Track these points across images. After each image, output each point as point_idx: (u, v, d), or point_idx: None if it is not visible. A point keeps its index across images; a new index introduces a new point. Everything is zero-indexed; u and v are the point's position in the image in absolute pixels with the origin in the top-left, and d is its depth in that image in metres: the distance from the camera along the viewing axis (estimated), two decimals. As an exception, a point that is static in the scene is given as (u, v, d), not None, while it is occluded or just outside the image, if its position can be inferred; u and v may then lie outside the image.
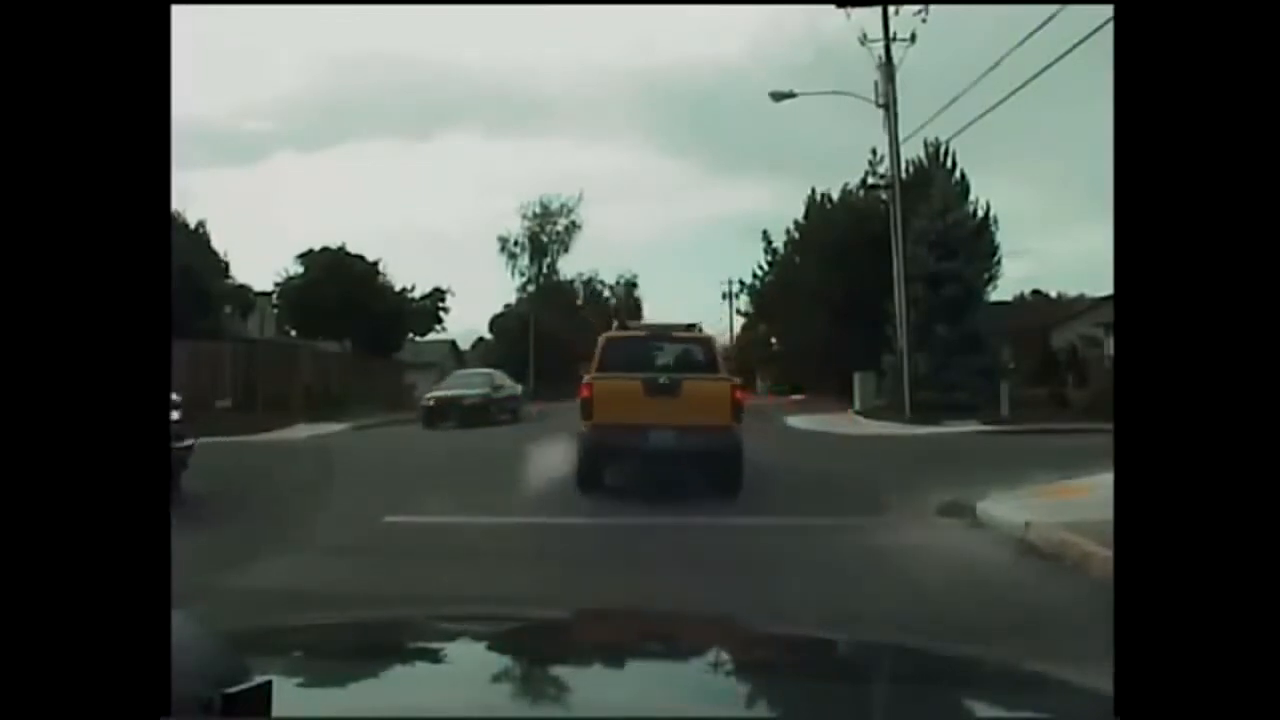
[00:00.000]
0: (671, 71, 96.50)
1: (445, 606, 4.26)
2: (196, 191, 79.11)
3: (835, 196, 36.71)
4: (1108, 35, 1.66)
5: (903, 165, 28.49)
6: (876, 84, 25.40)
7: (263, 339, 27.32)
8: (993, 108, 23.26)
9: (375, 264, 40.82)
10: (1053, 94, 33.90)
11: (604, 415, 10.75)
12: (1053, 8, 17.48)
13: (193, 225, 34.77)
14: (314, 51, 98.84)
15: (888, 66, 25.24)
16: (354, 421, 27.28)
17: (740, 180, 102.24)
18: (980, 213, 32.06)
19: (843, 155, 74.46)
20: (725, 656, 1.84)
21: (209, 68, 70.45)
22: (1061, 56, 18.12)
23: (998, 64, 21.09)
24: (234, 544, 7.59)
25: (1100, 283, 31.15)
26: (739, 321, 68.09)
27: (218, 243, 36.08)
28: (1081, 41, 16.31)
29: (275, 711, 0.93)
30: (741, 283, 45.38)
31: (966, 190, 32.04)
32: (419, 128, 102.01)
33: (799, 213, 39.78)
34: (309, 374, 32.75)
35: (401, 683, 1.52)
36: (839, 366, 33.44)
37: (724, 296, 68.37)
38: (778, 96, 26.73)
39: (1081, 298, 36.25)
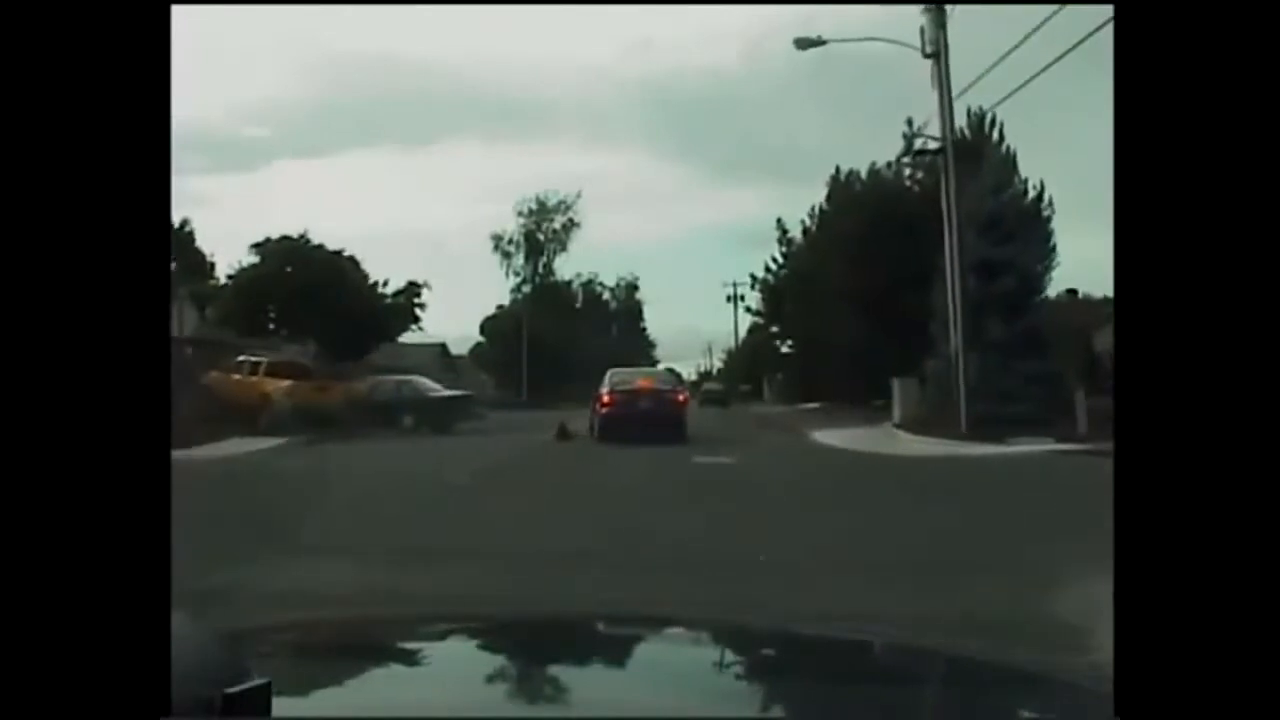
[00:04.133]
0: (671, 76, 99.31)
1: (446, 607, 4.40)
2: (192, 194, 77.02)
3: (864, 177, 32.31)
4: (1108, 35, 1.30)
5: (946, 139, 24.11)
6: (923, 30, 21.02)
7: (185, 337, 23.60)
8: (1037, 75, 19.11)
9: (339, 252, 36.00)
10: (1059, 90, 29.51)
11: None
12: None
13: (176, 223, 31.18)
14: (312, 56, 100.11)
15: (938, 12, 20.90)
16: (298, 435, 22.88)
17: (743, 184, 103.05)
18: (1032, 192, 27.65)
19: (850, 156, 71.17)
20: (725, 657, 1.82)
21: (206, 72, 67.86)
22: (1067, 51, 17.19)
23: (1046, 21, 17.93)
24: None
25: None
26: (745, 325, 65.26)
27: (205, 244, 33.77)
28: (1087, 37, 15.56)
29: (275, 711, 0.92)
30: (753, 277, 40.80)
31: (1014, 166, 27.74)
32: (418, 133, 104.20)
33: (805, 216, 35.64)
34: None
35: (402, 683, 1.51)
36: (866, 371, 29.41)
37: (728, 299, 65.41)
38: (803, 44, 22.50)
39: (1107, 299, 32.05)
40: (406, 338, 43.00)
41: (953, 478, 14.14)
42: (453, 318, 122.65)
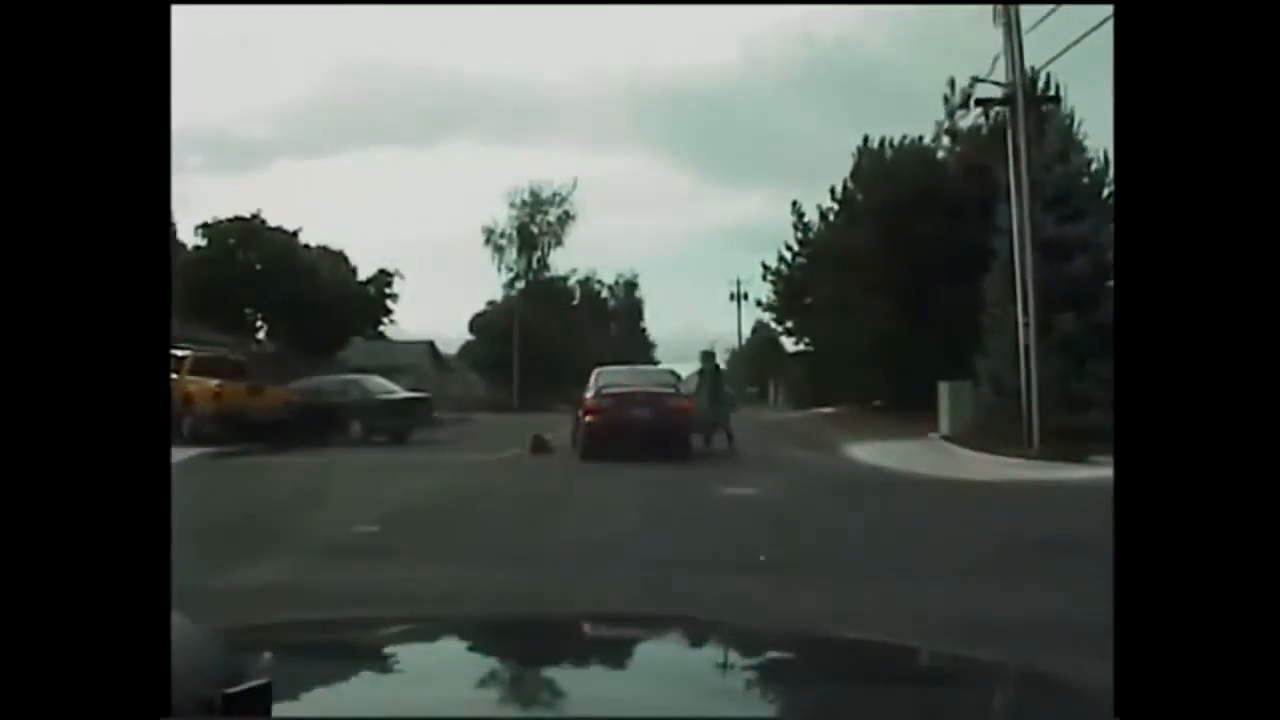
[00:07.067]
0: (673, 77, 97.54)
1: (447, 607, 4.37)
2: (190, 192, 75.27)
3: (894, 145, 28.06)
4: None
5: (986, 111, 20.23)
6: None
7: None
8: (1094, 29, 15.07)
9: (295, 234, 31.77)
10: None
11: None
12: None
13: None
14: (312, 56, 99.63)
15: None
16: (223, 445, 18.99)
17: (746, 186, 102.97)
18: (1096, 164, 23.50)
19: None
20: (723, 657, 1.80)
21: (206, 71, 65.10)
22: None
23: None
24: None
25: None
26: (749, 325, 62.67)
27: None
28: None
29: (275, 712, 0.92)
30: (765, 267, 36.01)
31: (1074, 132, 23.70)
32: (418, 135, 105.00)
33: (827, 199, 31.32)
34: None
35: (402, 683, 1.50)
36: (900, 372, 25.41)
37: (731, 297, 62.15)
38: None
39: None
40: (393, 334, 39.75)
41: (1085, 521, 9.82)
42: (448, 315, 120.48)
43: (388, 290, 34.07)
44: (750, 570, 7.06)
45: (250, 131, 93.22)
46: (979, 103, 18.15)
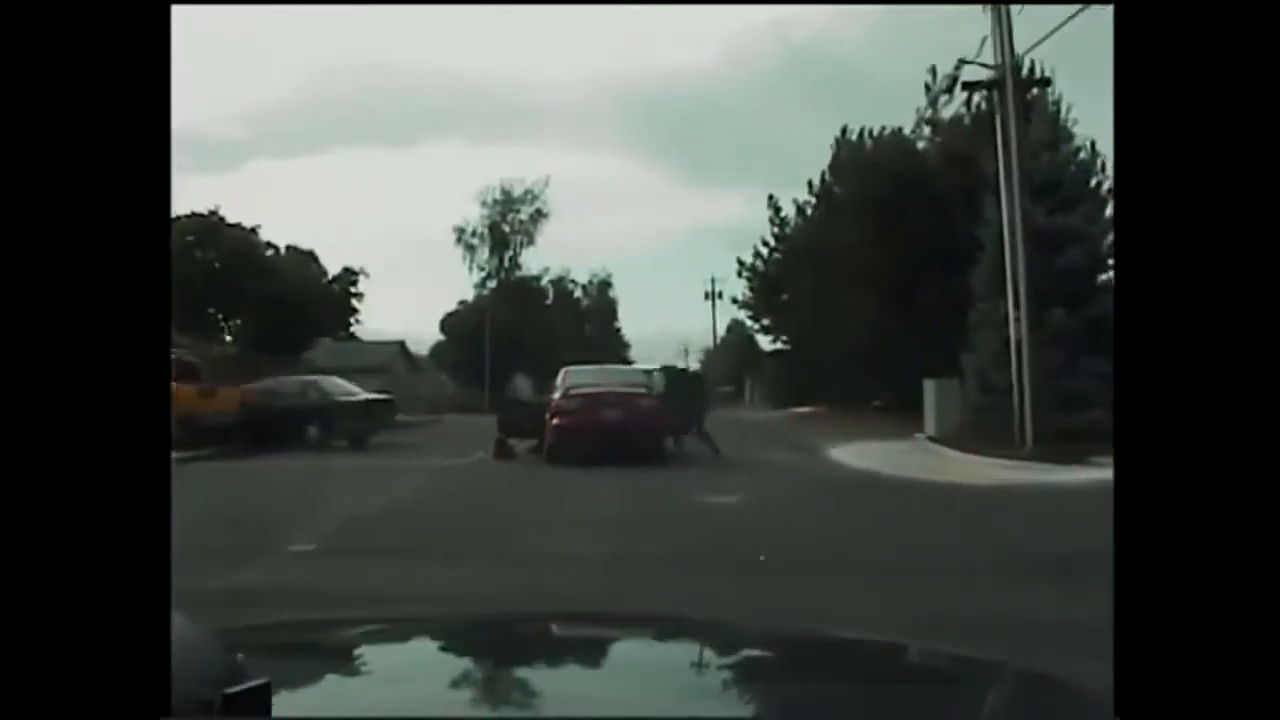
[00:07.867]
0: (648, 76, 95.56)
1: (447, 607, 4.36)
2: (178, 193, 74.52)
3: (875, 135, 27.09)
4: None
5: (972, 96, 19.47)
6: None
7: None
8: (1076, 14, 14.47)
9: (255, 230, 30.59)
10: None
11: None
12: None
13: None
14: (293, 58, 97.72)
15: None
16: (176, 450, 17.89)
17: (721, 185, 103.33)
18: (1084, 152, 22.65)
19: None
20: (721, 657, 1.79)
21: (191, 72, 63.94)
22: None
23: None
24: None
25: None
26: (724, 324, 62.38)
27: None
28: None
29: (275, 711, 0.92)
30: (740, 263, 35.05)
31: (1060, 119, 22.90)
32: (391, 134, 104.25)
33: (804, 192, 30.50)
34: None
35: (402, 683, 1.48)
36: (883, 369, 24.68)
37: (706, 296, 61.63)
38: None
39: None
40: (363, 335, 38.82)
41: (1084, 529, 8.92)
42: (420, 315, 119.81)
43: (353, 289, 33.13)
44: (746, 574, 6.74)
45: (225, 132, 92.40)
46: (966, 86, 17.26)
